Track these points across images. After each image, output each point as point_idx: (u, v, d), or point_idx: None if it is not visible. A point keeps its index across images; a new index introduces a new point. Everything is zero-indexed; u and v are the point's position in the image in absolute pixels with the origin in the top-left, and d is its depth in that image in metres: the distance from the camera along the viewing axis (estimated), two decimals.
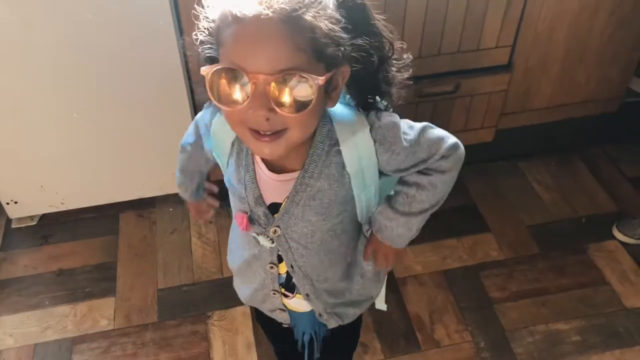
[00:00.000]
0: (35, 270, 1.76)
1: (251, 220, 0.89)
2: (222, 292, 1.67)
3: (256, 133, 0.73)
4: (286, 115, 0.70)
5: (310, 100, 0.70)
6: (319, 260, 0.93)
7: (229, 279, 1.08)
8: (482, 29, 1.66)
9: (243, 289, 1.06)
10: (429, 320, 1.61)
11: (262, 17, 0.65)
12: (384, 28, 0.78)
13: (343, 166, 0.83)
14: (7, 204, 1.80)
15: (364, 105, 0.84)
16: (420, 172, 0.89)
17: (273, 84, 0.68)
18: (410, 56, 0.82)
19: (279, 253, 0.92)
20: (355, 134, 0.83)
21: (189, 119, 1.71)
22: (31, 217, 1.88)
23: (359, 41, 0.73)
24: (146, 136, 1.73)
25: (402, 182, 0.92)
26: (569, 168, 2.07)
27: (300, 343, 1.12)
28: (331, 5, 0.71)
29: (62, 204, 1.84)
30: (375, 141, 0.83)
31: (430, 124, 0.88)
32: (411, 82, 0.82)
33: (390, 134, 0.84)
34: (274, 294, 0.99)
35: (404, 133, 0.85)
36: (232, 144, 0.87)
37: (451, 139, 0.88)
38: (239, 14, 0.66)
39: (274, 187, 0.86)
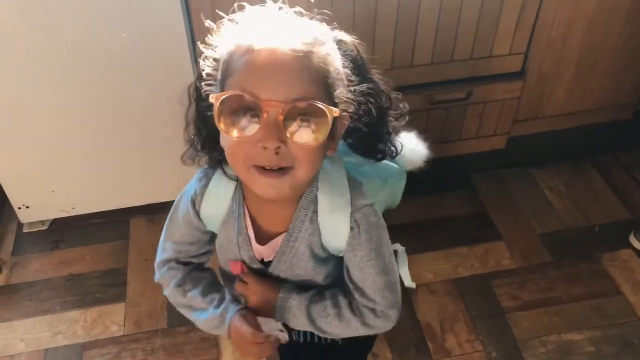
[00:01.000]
0: (45, 275, 1.76)
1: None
2: None
3: (261, 169, 0.71)
4: (297, 148, 0.68)
5: (324, 131, 0.69)
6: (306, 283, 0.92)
7: None
8: (495, 36, 1.65)
9: None
10: (439, 329, 1.60)
11: (280, 49, 0.66)
12: (380, 80, 0.79)
13: (320, 235, 0.83)
14: (19, 208, 1.80)
15: (367, 152, 0.84)
16: (350, 304, 0.87)
17: (286, 113, 0.66)
18: (407, 106, 0.83)
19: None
20: (334, 214, 0.81)
21: None
22: (42, 222, 1.89)
23: (360, 88, 0.74)
24: (157, 141, 1.73)
25: (333, 295, 0.89)
26: (582, 175, 2.05)
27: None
28: (339, 52, 0.73)
29: (73, 208, 1.84)
30: (351, 228, 0.81)
31: (397, 283, 0.87)
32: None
33: (365, 235, 0.82)
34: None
35: (375, 250, 0.83)
36: (226, 211, 0.86)
37: (394, 314, 0.87)
38: (257, 44, 0.66)
39: (263, 250, 0.87)
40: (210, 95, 0.70)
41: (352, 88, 0.73)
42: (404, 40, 1.60)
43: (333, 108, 0.69)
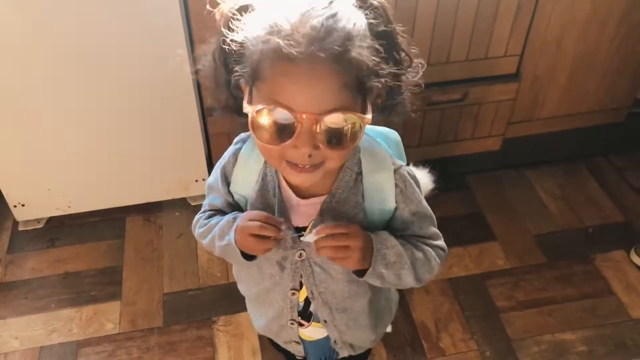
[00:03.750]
0: (41, 273, 1.76)
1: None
2: (228, 297, 1.67)
3: (294, 165, 0.73)
4: (330, 151, 0.70)
5: (356, 137, 0.70)
6: (339, 289, 0.92)
7: (235, 284, 1.07)
8: (490, 38, 1.67)
9: (258, 318, 1.05)
10: (434, 329, 1.61)
11: (313, 58, 0.64)
12: (408, 48, 0.77)
13: (363, 198, 0.84)
14: (15, 206, 1.80)
15: (382, 109, 0.80)
16: (421, 242, 0.89)
17: (320, 123, 0.67)
18: (423, 61, 0.81)
19: (301, 279, 0.92)
20: (379, 172, 0.84)
21: (197, 123, 1.71)
22: (38, 220, 1.89)
23: (392, 69, 0.73)
24: (154, 140, 1.73)
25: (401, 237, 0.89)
26: (576, 177, 2.07)
27: None
28: (369, 34, 0.70)
29: (69, 207, 1.84)
30: (397, 186, 0.85)
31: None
32: (422, 87, 0.81)
33: (410, 190, 0.86)
34: (292, 324, 0.98)
35: (420, 200, 0.88)
36: (259, 173, 0.87)
37: (444, 243, 0.92)
38: (290, 54, 0.64)
39: (301, 211, 0.86)
40: (245, 107, 0.71)
41: (386, 72, 0.71)
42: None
43: (366, 116, 0.70)
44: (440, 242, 0.92)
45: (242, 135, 0.89)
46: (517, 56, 1.73)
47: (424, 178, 1.01)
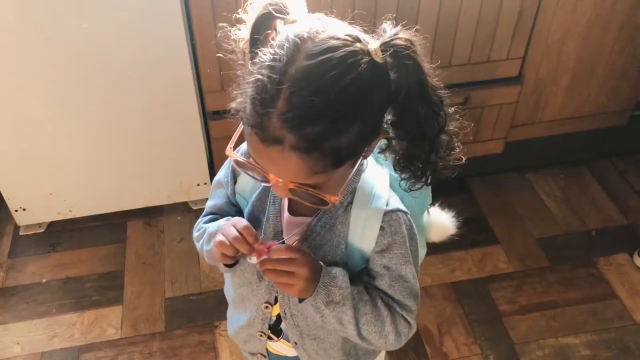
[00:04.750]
0: (42, 277, 1.75)
1: None
2: None
3: None
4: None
5: (332, 200, 0.70)
6: (312, 315, 0.84)
7: None
8: (492, 41, 1.66)
9: (231, 322, 1.03)
10: (437, 333, 1.60)
11: (285, 142, 0.63)
12: (440, 91, 0.71)
13: (347, 232, 0.82)
14: (16, 211, 1.80)
15: (400, 168, 0.76)
16: (384, 300, 0.83)
17: (291, 188, 0.69)
18: (460, 146, 0.75)
19: (277, 295, 0.89)
20: (366, 209, 0.80)
21: (198, 127, 1.71)
22: (39, 225, 1.88)
23: (408, 114, 0.68)
24: (155, 144, 1.73)
25: (366, 287, 0.85)
26: (578, 180, 2.06)
27: None
28: (369, 70, 0.64)
29: (70, 211, 1.84)
30: (382, 228, 0.79)
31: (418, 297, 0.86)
32: (463, 162, 0.76)
33: (396, 238, 0.80)
34: (261, 336, 0.95)
35: (405, 258, 0.81)
36: None
37: (414, 328, 0.86)
38: (259, 138, 0.64)
39: (288, 228, 0.85)
40: (228, 150, 0.73)
41: (384, 128, 0.70)
42: None
43: (335, 198, 0.70)
44: (408, 315, 0.84)
45: None
46: (520, 59, 1.73)
47: (447, 222, 0.98)
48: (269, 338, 0.96)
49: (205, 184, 1.85)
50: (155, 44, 1.52)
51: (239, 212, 0.90)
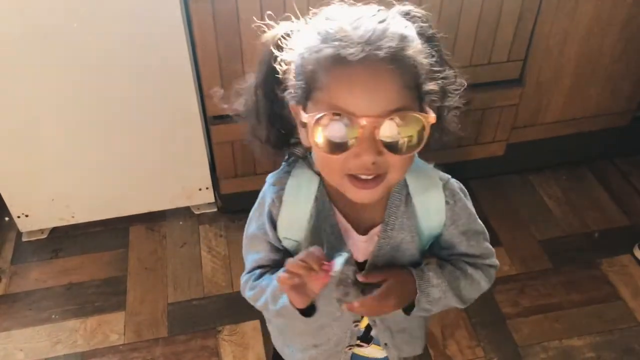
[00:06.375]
0: (45, 284, 1.75)
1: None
2: (233, 307, 1.66)
3: (355, 180, 0.70)
4: (394, 157, 0.67)
5: (421, 139, 0.67)
6: (400, 312, 0.88)
7: (239, 294, 1.01)
8: (493, 43, 1.66)
9: (294, 351, 1.00)
10: (441, 336, 1.60)
11: (371, 58, 0.63)
12: (446, 54, 0.75)
13: (416, 220, 0.82)
14: (18, 217, 1.80)
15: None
16: (469, 263, 0.87)
17: (383, 126, 0.65)
18: (465, 83, 0.78)
19: None
20: (428, 191, 0.81)
21: (200, 132, 1.71)
22: (41, 231, 1.88)
23: (445, 74, 0.71)
24: (157, 150, 1.73)
25: (449, 261, 0.88)
26: (580, 182, 2.06)
27: None
28: (418, 38, 0.69)
29: (73, 217, 1.84)
30: (447, 203, 0.82)
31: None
32: (467, 108, 0.79)
33: (460, 205, 0.83)
34: (349, 349, 0.96)
35: (471, 214, 0.86)
36: (310, 212, 0.82)
37: (497, 262, 0.91)
38: (347, 57, 0.63)
39: (360, 247, 0.83)
40: (303, 116, 0.69)
41: (438, 79, 0.70)
42: None
43: (429, 115, 0.67)
44: (491, 260, 0.89)
45: (276, 175, 0.84)
46: (521, 61, 1.73)
47: None
48: (358, 346, 0.97)
49: (207, 188, 1.85)
50: (156, 50, 1.52)
51: (287, 255, 0.85)
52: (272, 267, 0.88)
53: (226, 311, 1.67)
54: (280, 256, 0.87)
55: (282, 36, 0.72)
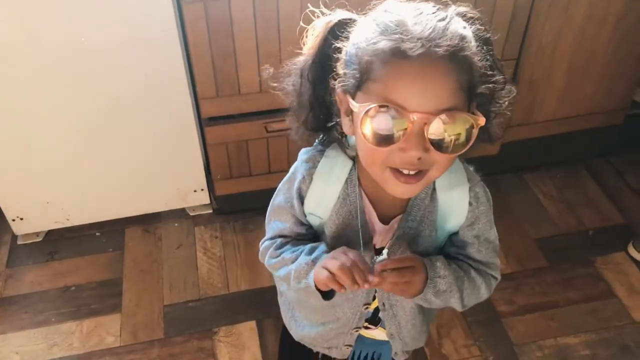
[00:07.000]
0: (41, 286, 1.75)
1: None
2: (228, 308, 1.67)
3: (397, 173, 0.70)
4: (439, 155, 0.68)
5: (469, 140, 0.68)
6: (410, 306, 0.92)
7: (235, 295, 1.04)
8: None
9: (302, 327, 1.02)
10: (436, 335, 1.60)
11: (429, 55, 0.64)
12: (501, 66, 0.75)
13: (437, 216, 0.83)
14: (13, 220, 1.80)
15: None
16: (473, 267, 0.88)
17: (433, 123, 0.65)
18: (515, 90, 0.78)
19: (375, 294, 0.91)
20: (454, 189, 0.82)
21: (194, 135, 1.71)
22: (37, 234, 1.88)
23: (498, 78, 0.72)
24: (151, 151, 1.73)
25: (454, 261, 0.89)
26: (575, 180, 2.06)
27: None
28: (476, 43, 0.70)
29: (68, 219, 1.84)
30: (470, 204, 0.83)
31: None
32: (508, 113, 0.78)
33: (482, 209, 0.84)
34: (356, 331, 0.97)
35: (489, 221, 0.86)
36: (340, 192, 0.83)
37: (499, 278, 0.92)
38: (407, 51, 0.64)
39: (378, 233, 0.85)
40: (353, 104, 0.69)
41: (489, 82, 0.70)
42: None
43: (479, 117, 0.68)
44: (495, 272, 0.90)
45: (310, 153, 0.85)
46: (514, 60, 1.73)
47: None
48: (366, 328, 0.99)
49: (202, 190, 1.85)
50: (150, 52, 1.52)
51: (310, 230, 0.90)
52: (295, 238, 0.90)
53: (222, 312, 1.67)
54: (304, 230, 0.89)
55: (336, 23, 0.73)
